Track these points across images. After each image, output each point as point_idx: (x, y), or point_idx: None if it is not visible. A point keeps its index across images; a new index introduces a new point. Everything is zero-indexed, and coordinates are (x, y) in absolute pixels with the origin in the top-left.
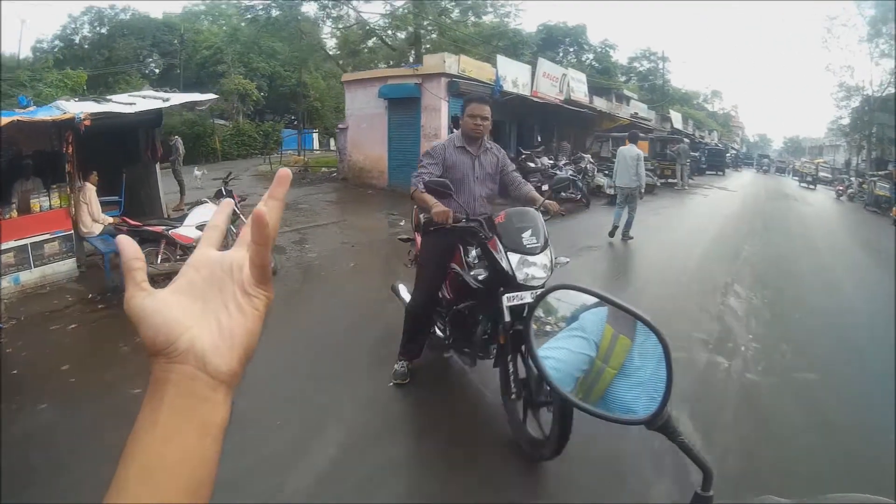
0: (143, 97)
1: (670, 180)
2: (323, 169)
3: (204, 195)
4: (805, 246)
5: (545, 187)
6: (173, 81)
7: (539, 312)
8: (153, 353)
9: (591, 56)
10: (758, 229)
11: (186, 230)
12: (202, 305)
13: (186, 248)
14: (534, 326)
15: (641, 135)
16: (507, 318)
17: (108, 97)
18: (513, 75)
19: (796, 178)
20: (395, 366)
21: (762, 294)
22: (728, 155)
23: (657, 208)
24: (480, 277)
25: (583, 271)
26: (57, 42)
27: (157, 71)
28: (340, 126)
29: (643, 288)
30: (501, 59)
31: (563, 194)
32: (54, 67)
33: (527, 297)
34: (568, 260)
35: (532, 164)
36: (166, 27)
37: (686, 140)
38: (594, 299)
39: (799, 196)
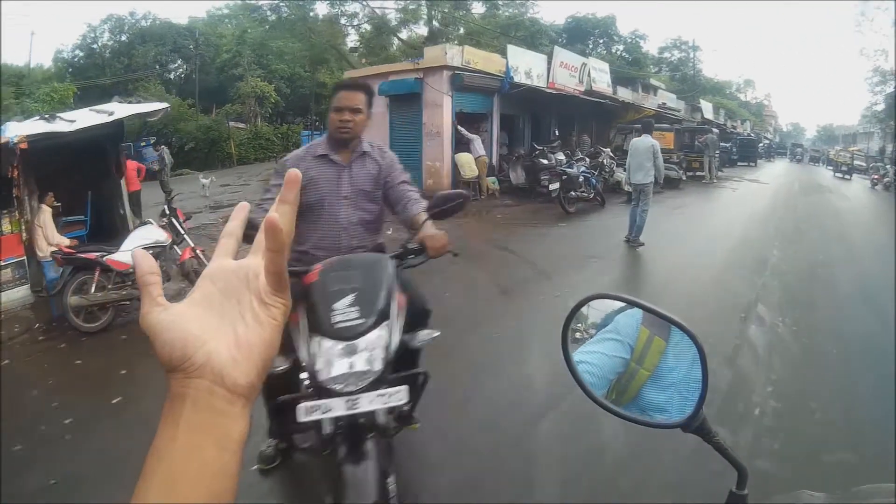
0: (97, 112)
1: (698, 173)
2: None
3: (207, 204)
4: (843, 251)
5: (552, 186)
6: (194, 87)
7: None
8: (170, 368)
9: (620, 47)
10: (789, 231)
11: (122, 255)
12: (219, 318)
13: (125, 276)
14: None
15: (659, 125)
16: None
17: (58, 115)
18: (526, 66)
19: (830, 168)
20: (263, 445)
21: (791, 319)
22: (760, 145)
23: (679, 206)
24: (278, 368)
25: (569, 289)
26: (77, 52)
27: (181, 76)
28: None
29: None
30: (512, 49)
31: (573, 193)
32: (55, 79)
33: (338, 407)
34: (437, 333)
35: (545, 161)
36: (188, 32)
37: (715, 130)
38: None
39: (833, 188)
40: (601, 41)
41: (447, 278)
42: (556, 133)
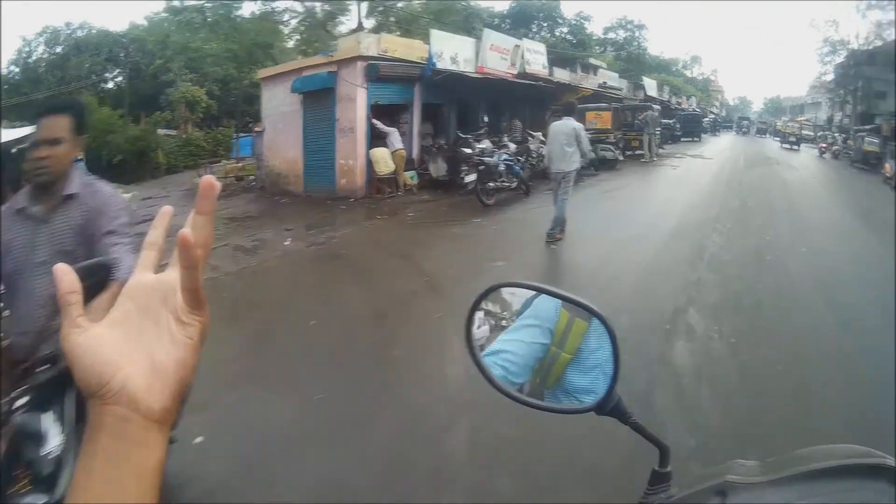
0: None
1: (637, 152)
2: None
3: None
4: (793, 227)
5: (469, 178)
6: (125, 96)
7: (485, 309)
8: (89, 395)
9: (565, 30)
10: (733, 209)
11: None
12: (136, 339)
13: None
14: (476, 327)
15: (597, 104)
16: None
17: None
18: (452, 51)
19: (777, 139)
20: None
21: (729, 326)
22: (706, 120)
23: (611, 189)
24: None
25: (457, 306)
26: (13, 67)
27: (118, 86)
28: (256, 129)
29: None
30: (436, 34)
31: (491, 184)
32: None
33: None
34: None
35: (467, 150)
36: (127, 40)
37: (656, 107)
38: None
39: (781, 159)
40: (545, 25)
41: (319, 301)
42: (486, 120)
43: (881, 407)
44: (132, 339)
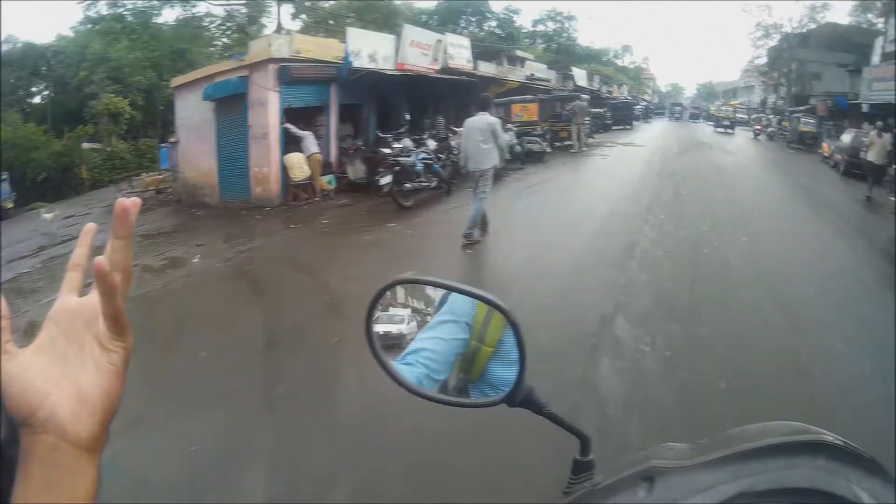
0: None
1: (566, 143)
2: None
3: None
4: (731, 214)
5: (384, 180)
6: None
7: (411, 305)
8: (19, 423)
9: (493, 24)
10: (666, 199)
11: None
12: (62, 366)
13: None
14: (379, 328)
15: (522, 96)
16: None
17: None
18: (370, 49)
19: (711, 124)
20: None
21: (662, 336)
22: (638, 107)
23: (537, 183)
24: None
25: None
26: None
27: (43, 100)
28: (171, 140)
29: None
30: (353, 32)
31: (408, 185)
32: None
33: None
34: None
35: (386, 150)
36: (50, 53)
37: (584, 97)
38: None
39: (716, 143)
40: (473, 20)
41: (213, 329)
42: (408, 118)
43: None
44: (58, 365)
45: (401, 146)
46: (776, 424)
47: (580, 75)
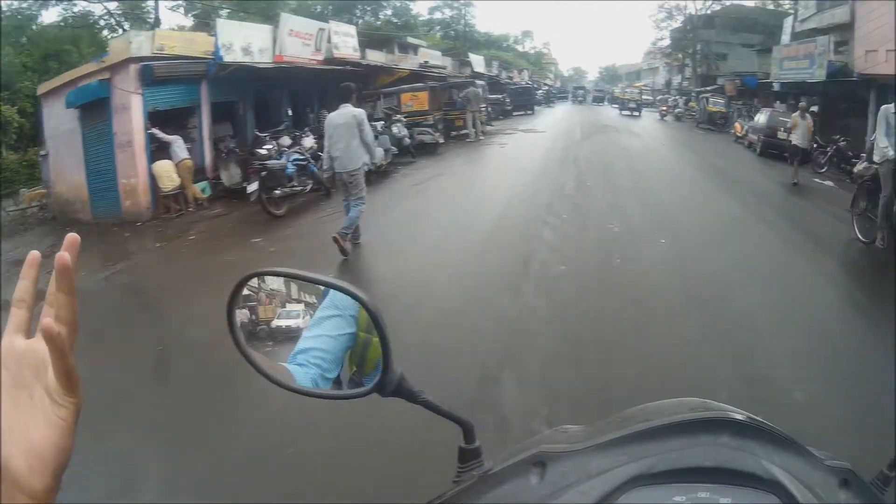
0: None
1: (462, 132)
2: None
3: None
4: (645, 207)
5: (251, 187)
6: None
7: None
8: None
9: (389, 12)
10: (569, 192)
11: None
12: (12, 414)
13: None
14: (279, 323)
15: (412, 84)
16: None
17: None
18: (243, 41)
19: (616, 106)
20: None
21: (565, 401)
22: (539, 92)
23: (426, 180)
24: None
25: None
26: None
27: None
28: (41, 153)
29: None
30: (223, 24)
31: (277, 192)
32: None
33: None
34: None
35: (262, 152)
36: None
37: (479, 82)
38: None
39: (622, 126)
40: (368, 9)
41: None
42: (290, 114)
43: None
44: (9, 412)
45: (273, 146)
46: (675, 402)
47: (477, 61)
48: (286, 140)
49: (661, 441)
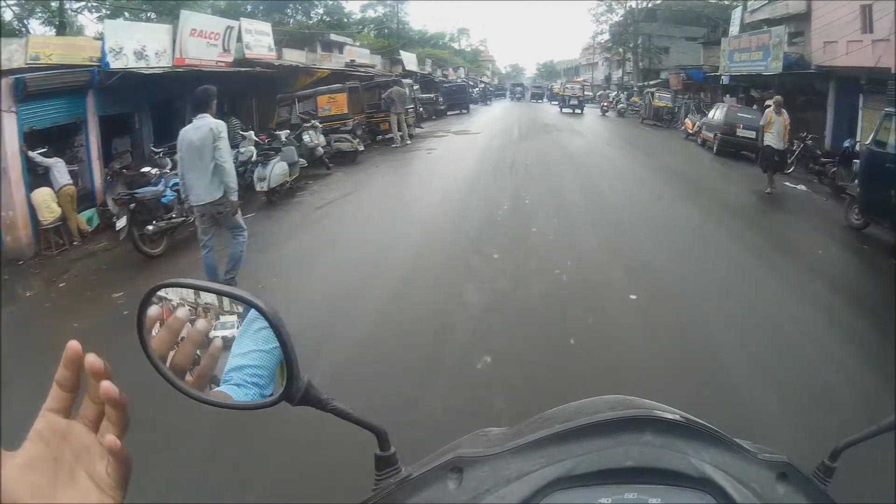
0: None
1: (388, 136)
2: None
3: None
4: (601, 237)
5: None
6: None
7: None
8: None
9: (321, 11)
10: (503, 216)
11: None
12: (51, 492)
13: None
14: (217, 333)
15: (329, 85)
16: None
17: None
18: (137, 44)
19: (556, 103)
20: None
21: None
22: (476, 90)
23: (335, 199)
24: None
25: None
26: None
27: None
28: None
29: None
30: (111, 25)
31: (150, 227)
32: None
33: None
34: None
35: (154, 171)
36: None
37: (405, 81)
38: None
39: (563, 124)
40: (300, 7)
41: None
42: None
43: None
44: (48, 490)
45: (154, 170)
46: (597, 400)
47: (409, 59)
48: (167, 161)
49: (580, 442)
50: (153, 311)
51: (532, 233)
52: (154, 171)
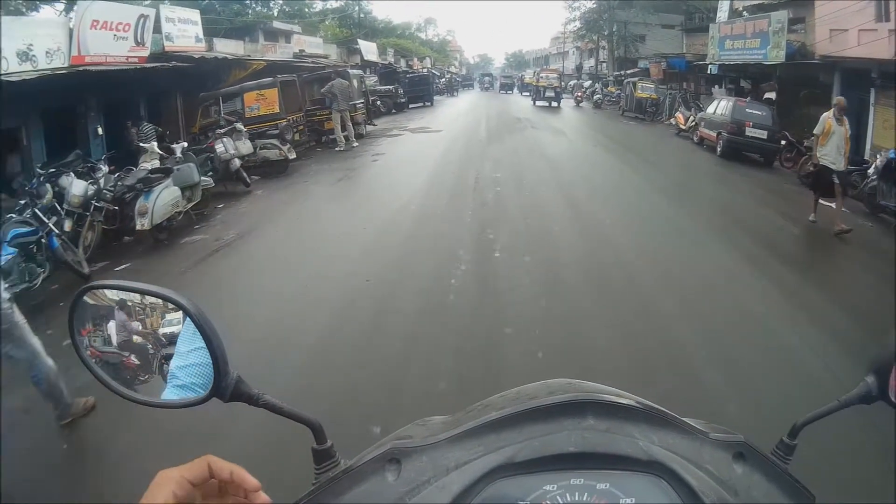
0: None
1: (332, 137)
2: None
3: None
4: (588, 289)
5: None
6: None
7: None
8: None
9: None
10: (457, 291)
11: None
12: None
13: None
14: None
15: (261, 80)
16: None
17: None
18: (21, 43)
19: (528, 94)
20: None
21: None
22: (443, 80)
23: (228, 242)
24: None
25: None
26: None
27: None
28: None
29: None
30: None
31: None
32: None
33: None
34: None
35: (42, 200)
36: None
37: (356, 72)
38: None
39: (538, 120)
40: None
41: None
42: (100, 133)
43: None
44: None
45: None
46: (538, 385)
47: (369, 48)
48: (68, 180)
49: (520, 428)
50: (84, 311)
51: (506, 334)
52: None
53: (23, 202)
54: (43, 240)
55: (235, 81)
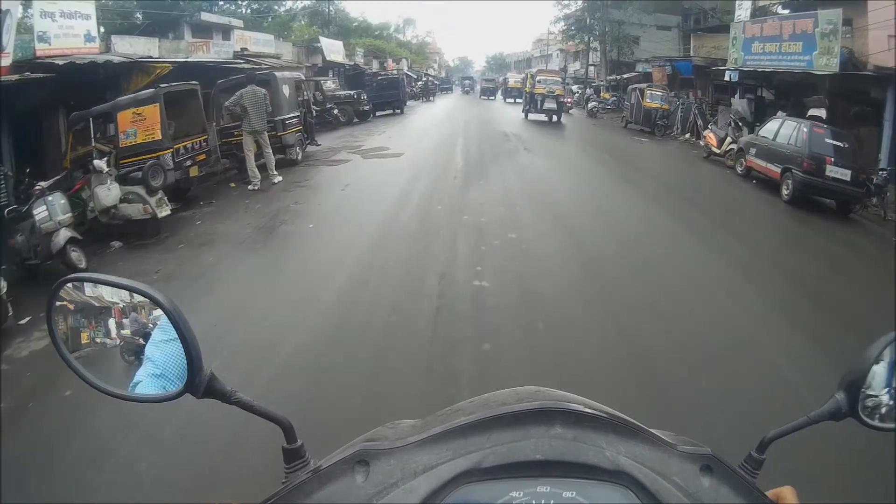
0: None
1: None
2: None
3: None
4: None
5: None
6: None
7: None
8: None
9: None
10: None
11: None
12: None
13: None
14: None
15: (99, 107)
16: None
17: None
18: None
19: (511, 101)
20: None
21: None
22: (419, 83)
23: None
24: None
25: None
26: None
27: None
28: None
29: None
30: None
31: None
32: None
33: None
34: None
35: None
36: None
37: (291, 74)
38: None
39: (530, 137)
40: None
41: None
42: None
43: None
44: None
45: None
46: (508, 392)
47: (332, 48)
48: None
49: (488, 434)
50: (62, 304)
51: None
52: None
53: None
54: None
55: (134, 90)
